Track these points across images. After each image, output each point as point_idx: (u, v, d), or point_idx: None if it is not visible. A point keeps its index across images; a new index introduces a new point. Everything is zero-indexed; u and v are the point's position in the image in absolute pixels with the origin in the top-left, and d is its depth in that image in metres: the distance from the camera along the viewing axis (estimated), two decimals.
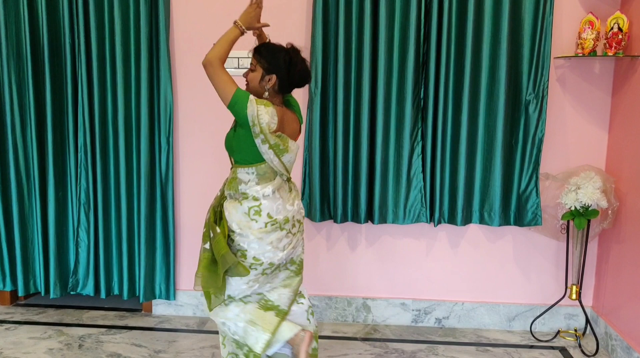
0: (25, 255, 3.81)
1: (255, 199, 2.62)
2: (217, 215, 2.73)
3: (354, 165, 3.55)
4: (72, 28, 3.59)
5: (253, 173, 2.62)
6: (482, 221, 3.58)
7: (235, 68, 3.60)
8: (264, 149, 2.57)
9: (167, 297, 3.81)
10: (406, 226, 3.67)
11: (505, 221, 3.57)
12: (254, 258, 2.64)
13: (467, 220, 3.59)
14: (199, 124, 3.71)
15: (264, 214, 2.62)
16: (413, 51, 3.40)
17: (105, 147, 3.71)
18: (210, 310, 2.76)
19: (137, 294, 3.81)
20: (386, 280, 3.78)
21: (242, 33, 2.71)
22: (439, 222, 3.58)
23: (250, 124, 2.51)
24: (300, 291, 2.92)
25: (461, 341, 3.56)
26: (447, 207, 3.58)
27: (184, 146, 3.75)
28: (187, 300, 3.87)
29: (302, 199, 3.64)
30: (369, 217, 3.62)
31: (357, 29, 3.43)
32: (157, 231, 3.75)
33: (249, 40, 3.57)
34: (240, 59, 3.60)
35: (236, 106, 2.52)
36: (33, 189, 3.74)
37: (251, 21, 2.74)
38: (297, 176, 3.67)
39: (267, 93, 2.66)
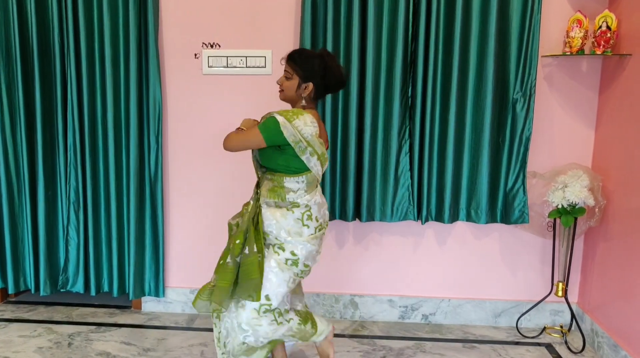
0: (15, 253, 3.66)
1: (307, 206, 2.52)
2: (254, 225, 2.56)
3: (342, 163, 3.41)
4: (62, 28, 3.43)
5: (303, 181, 2.51)
6: (469, 218, 3.46)
7: (224, 67, 3.46)
8: (313, 161, 2.49)
9: (157, 294, 3.67)
10: (394, 223, 3.54)
11: (492, 218, 3.44)
12: (304, 264, 2.56)
13: (454, 218, 3.46)
14: (187, 123, 3.57)
15: (314, 219, 2.53)
16: (401, 50, 3.26)
17: (95, 146, 3.55)
18: (223, 306, 2.56)
19: (127, 291, 3.67)
20: (373, 277, 3.65)
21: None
22: (427, 220, 3.45)
23: (293, 144, 2.41)
24: None
25: (448, 337, 3.44)
26: (435, 205, 3.45)
27: (173, 145, 3.60)
28: (176, 297, 3.74)
29: None
30: (357, 215, 3.49)
31: (345, 28, 3.28)
32: (146, 229, 3.60)
33: (244, 39, 3.44)
34: (229, 57, 3.45)
35: (272, 138, 2.43)
36: (23, 188, 3.58)
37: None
38: None
39: (303, 101, 2.54)
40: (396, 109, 3.31)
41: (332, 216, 3.48)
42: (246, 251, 2.51)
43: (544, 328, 3.51)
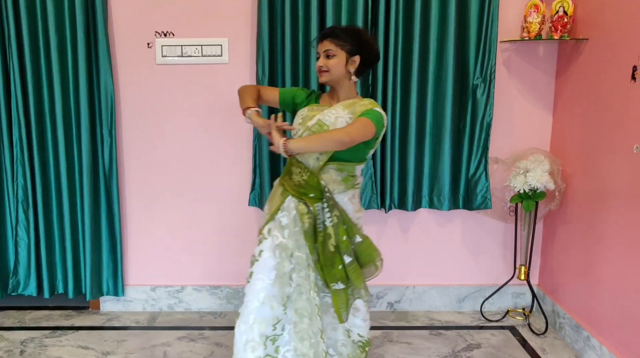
0: None
1: (358, 185, 2.46)
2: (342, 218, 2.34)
3: None
4: (0, 15, 3.10)
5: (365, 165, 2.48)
6: (431, 206, 3.34)
7: (179, 56, 3.23)
8: (374, 147, 2.40)
9: (116, 293, 3.42)
10: None
11: (454, 205, 3.34)
12: None
13: (417, 205, 3.34)
14: (142, 115, 3.31)
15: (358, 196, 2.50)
16: None
17: (43, 141, 3.26)
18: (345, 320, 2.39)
19: (83, 292, 3.39)
20: None
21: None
22: (390, 208, 3.32)
23: (381, 135, 2.36)
24: None
25: (414, 325, 3.32)
26: (397, 193, 3.32)
27: (128, 139, 3.34)
28: (136, 295, 3.50)
29: (253, 190, 3.33)
30: None
31: (303, 14, 3.08)
32: (102, 227, 3.34)
33: (199, 27, 3.21)
34: (183, 46, 3.22)
35: (379, 131, 2.32)
36: None
37: (254, 123, 2.35)
38: (247, 166, 3.35)
39: (353, 77, 2.35)
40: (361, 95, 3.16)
41: None
42: (357, 239, 2.37)
43: (507, 312, 3.45)
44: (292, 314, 2.33)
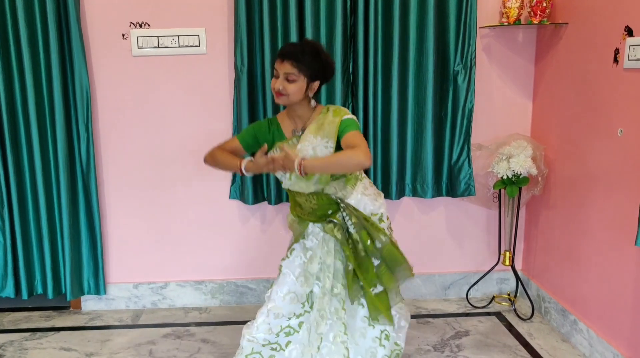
0: None
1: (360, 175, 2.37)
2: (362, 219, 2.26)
3: None
4: None
5: None
6: (415, 194, 3.29)
7: (155, 47, 3.11)
8: None
9: (97, 292, 3.30)
10: None
11: (438, 193, 3.29)
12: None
13: (400, 194, 3.28)
14: (119, 108, 3.18)
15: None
16: (340, 24, 3.01)
17: (17, 137, 3.11)
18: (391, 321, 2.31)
19: (64, 291, 3.26)
20: None
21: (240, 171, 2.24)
22: None
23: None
24: None
25: None
26: (381, 182, 3.25)
27: (105, 133, 3.22)
28: (118, 293, 3.39)
29: (234, 183, 3.23)
30: None
31: (282, 2, 2.99)
32: (81, 224, 3.22)
33: (175, 17, 3.09)
34: (160, 37, 3.10)
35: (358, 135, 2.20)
36: None
37: (258, 170, 2.19)
38: None
39: (313, 102, 2.23)
40: (338, 85, 3.08)
41: (279, 199, 3.23)
42: (378, 245, 2.25)
43: (493, 298, 3.42)
44: (315, 315, 2.29)
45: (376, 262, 2.27)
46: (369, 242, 2.24)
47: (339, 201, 2.25)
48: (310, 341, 2.30)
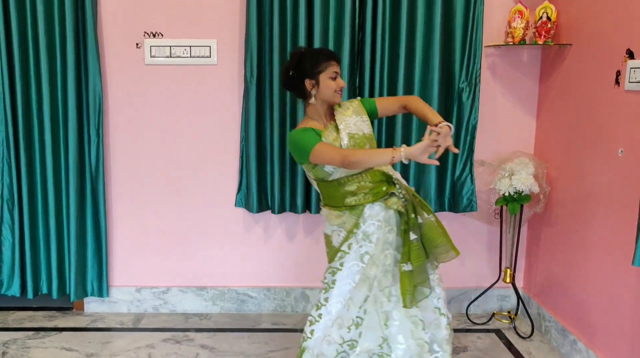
0: None
1: None
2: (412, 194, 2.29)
3: (291, 156, 3.19)
4: None
5: None
6: None
7: (167, 57, 3.17)
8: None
9: (100, 294, 3.32)
10: None
11: (440, 208, 3.28)
12: None
13: None
14: (129, 115, 3.24)
15: None
16: (348, 40, 3.05)
17: (30, 140, 3.17)
18: (413, 305, 2.28)
19: (68, 292, 3.29)
20: (324, 269, 3.43)
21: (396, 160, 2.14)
22: None
23: None
24: None
25: None
26: None
27: (115, 139, 3.27)
28: (120, 296, 3.40)
29: (239, 191, 3.26)
30: (307, 207, 3.27)
31: (292, 17, 3.04)
32: (87, 227, 3.25)
33: (188, 28, 3.14)
34: (172, 47, 3.16)
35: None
36: None
37: (417, 156, 2.12)
38: (233, 167, 3.28)
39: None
40: (344, 99, 3.11)
41: (282, 208, 3.24)
42: (419, 220, 2.25)
43: (493, 315, 3.38)
44: (378, 293, 2.28)
45: (412, 236, 2.23)
46: (413, 215, 2.23)
47: (389, 172, 2.29)
48: (379, 322, 2.28)
